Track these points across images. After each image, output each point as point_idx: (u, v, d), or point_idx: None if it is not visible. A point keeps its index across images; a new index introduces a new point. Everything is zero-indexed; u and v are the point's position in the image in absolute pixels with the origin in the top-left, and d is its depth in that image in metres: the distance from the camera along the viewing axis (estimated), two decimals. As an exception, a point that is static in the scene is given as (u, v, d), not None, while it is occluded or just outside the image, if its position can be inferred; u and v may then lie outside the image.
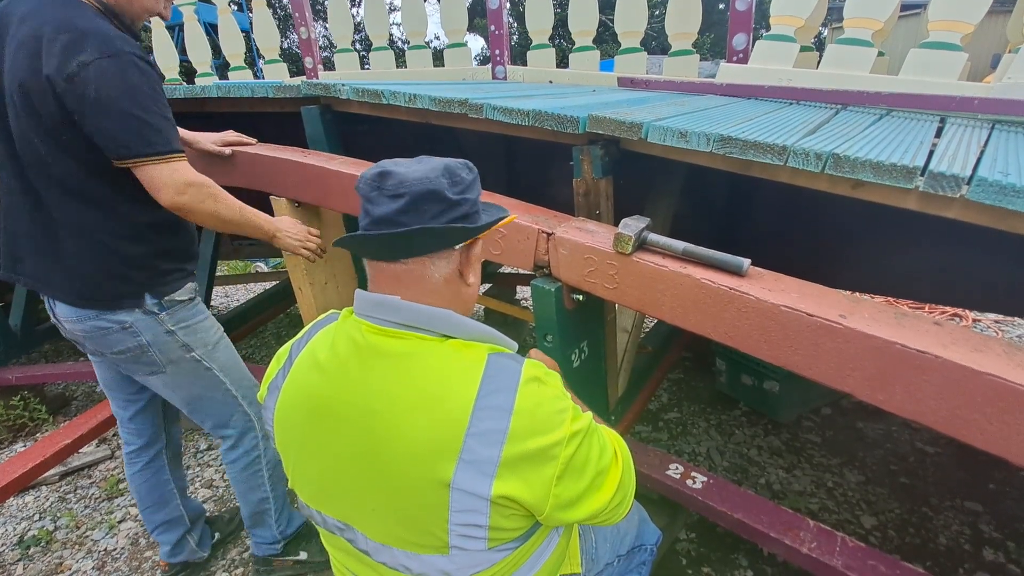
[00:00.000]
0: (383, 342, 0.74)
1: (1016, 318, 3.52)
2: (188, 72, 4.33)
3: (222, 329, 1.51)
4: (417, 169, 0.74)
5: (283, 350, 0.87)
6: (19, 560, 1.98)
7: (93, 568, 1.91)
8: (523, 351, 0.84)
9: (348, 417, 0.73)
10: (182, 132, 1.69)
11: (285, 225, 1.49)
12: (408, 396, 0.70)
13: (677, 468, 1.60)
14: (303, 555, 1.80)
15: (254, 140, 1.81)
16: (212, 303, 4.53)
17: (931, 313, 3.67)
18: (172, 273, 1.36)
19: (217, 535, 1.91)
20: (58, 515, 2.18)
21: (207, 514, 1.90)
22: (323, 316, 0.89)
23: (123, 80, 1.11)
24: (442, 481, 0.68)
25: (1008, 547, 1.80)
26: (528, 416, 0.69)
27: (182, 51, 3.81)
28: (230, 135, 1.78)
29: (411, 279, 0.76)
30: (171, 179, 1.18)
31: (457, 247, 0.78)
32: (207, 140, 1.72)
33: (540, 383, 0.73)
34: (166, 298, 1.34)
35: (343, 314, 0.82)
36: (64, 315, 1.31)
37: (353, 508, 0.77)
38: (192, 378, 1.44)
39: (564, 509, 0.72)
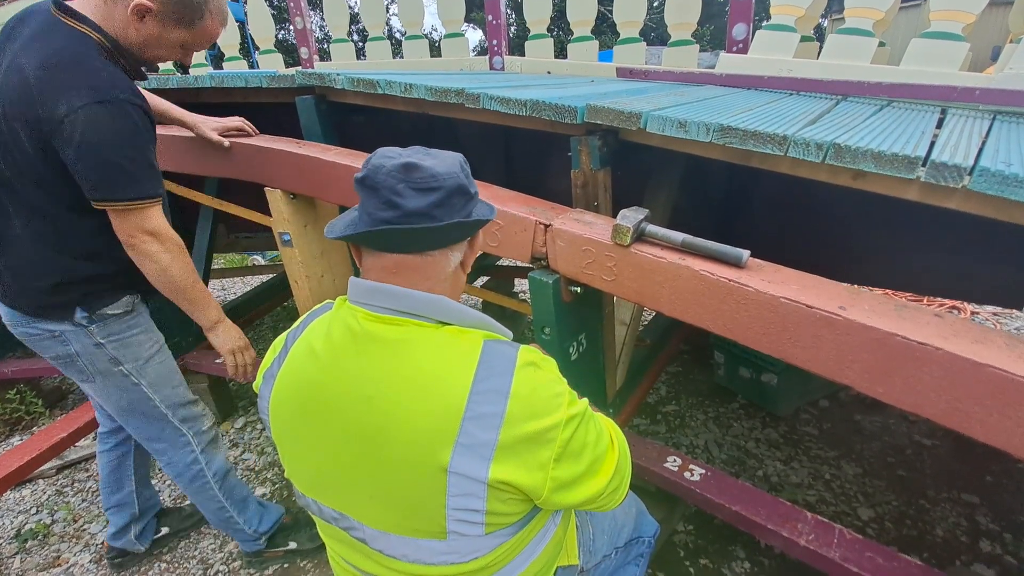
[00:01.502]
0: (379, 329, 0.74)
1: (1014, 311, 3.52)
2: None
3: (160, 343, 1.46)
4: (442, 163, 0.73)
5: (279, 340, 0.87)
6: (16, 553, 1.97)
7: (91, 561, 1.91)
8: (521, 343, 0.84)
9: (343, 405, 0.73)
10: (184, 115, 1.67)
11: (232, 332, 1.48)
12: (404, 382, 0.70)
13: (675, 461, 1.60)
14: (292, 544, 1.81)
15: (256, 131, 1.78)
16: (209, 296, 4.50)
17: (930, 306, 3.66)
18: (108, 288, 1.32)
19: (165, 530, 1.91)
20: (55, 508, 2.17)
21: (164, 506, 1.92)
22: (318, 306, 0.88)
23: (111, 127, 1.12)
24: (440, 466, 0.68)
25: (1005, 539, 1.81)
26: (525, 400, 0.69)
27: (176, 42, 3.76)
28: (233, 121, 1.74)
29: (429, 268, 0.76)
30: (131, 224, 1.20)
31: (468, 239, 0.80)
32: (208, 126, 1.69)
33: (536, 367, 0.74)
34: (97, 312, 1.31)
35: (337, 302, 0.82)
36: (5, 318, 1.33)
37: (350, 496, 0.76)
38: (119, 392, 1.42)
39: (561, 492, 0.73)
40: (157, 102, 1.65)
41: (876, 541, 1.34)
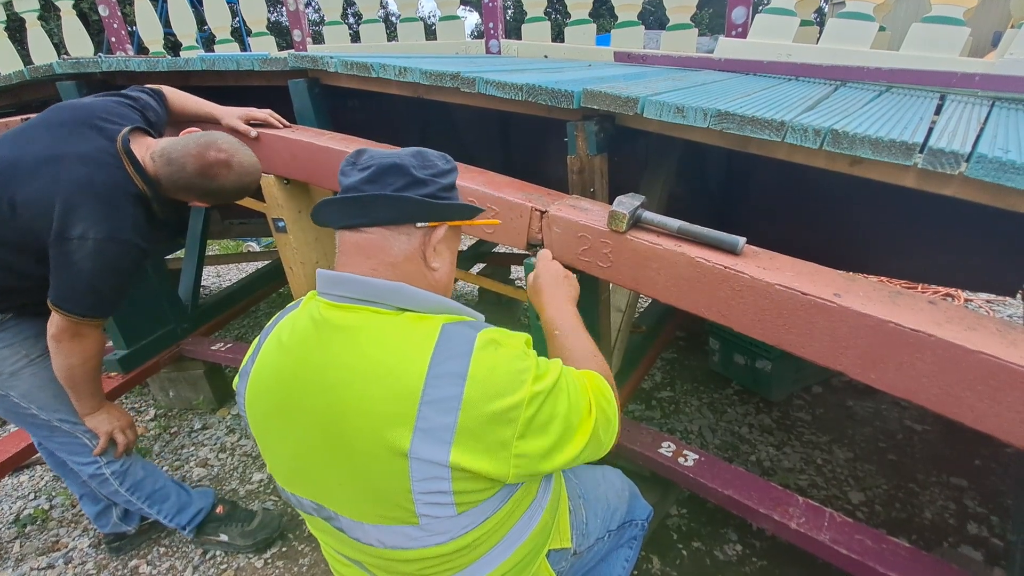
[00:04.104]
0: (338, 316, 0.75)
1: (1007, 298, 3.55)
2: (174, 46, 4.21)
3: (31, 357, 1.43)
4: (390, 150, 0.79)
5: (255, 339, 0.89)
6: (16, 538, 1.99)
7: (90, 546, 1.92)
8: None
9: (309, 394, 0.74)
10: (214, 109, 1.66)
11: (111, 412, 1.54)
12: (362, 368, 0.71)
13: (669, 446, 1.62)
14: (224, 537, 1.81)
15: (284, 124, 1.73)
16: (203, 283, 4.49)
17: (924, 293, 3.68)
18: None
19: None
20: (53, 494, 2.18)
21: None
22: (291, 303, 0.89)
23: (109, 263, 1.23)
24: (399, 451, 0.68)
25: (992, 521, 1.84)
26: (484, 381, 0.69)
27: (166, 23, 3.70)
28: (260, 112, 1.71)
29: (372, 249, 0.77)
30: (68, 329, 1.29)
31: (419, 225, 0.78)
32: (232, 116, 1.67)
33: (497, 345, 0.73)
34: None
35: (307, 296, 0.83)
36: None
37: (322, 486, 0.77)
38: None
39: (530, 465, 0.72)
40: (188, 103, 1.65)
41: (866, 524, 1.36)
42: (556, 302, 1.05)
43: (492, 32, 2.96)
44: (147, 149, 1.33)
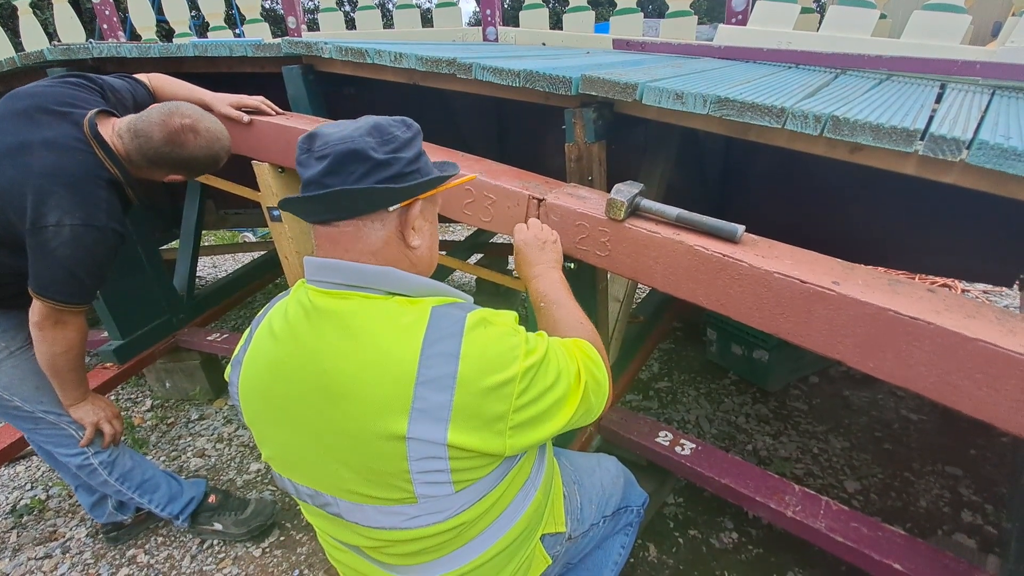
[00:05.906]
0: (329, 303, 0.74)
1: (1004, 288, 3.55)
2: (167, 34, 4.16)
3: (12, 351, 1.44)
4: (344, 129, 0.73)
5: (247, 329, 0.88)
6: (12, 528, 1.99)
7: (87, 536, 1.92)
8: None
9: (302, 381, 0.73)
10: (205, 96, 1.63)
11: (96, 403, 1.53)
12: (355, 354, 0.70)
13: (666, 435, 1.62)
14: (218, 526, 1.82)
15: (277, 111, 1.69)
16: (199, 273, 4.47)
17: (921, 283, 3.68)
18: None
19: None
20: (50, 484, 2.18)
21: None
22: (282, 292, 0.89)
23: (88, 249, 1.23)
24: (396, 433, 0.68)
25: (986, 509, 1.85)
26: (477, 359, 0.69)
27: (159, 11, 3.64)
28: (252, 99, 1.67)
29: (348, 241, 0.75)
30: (50, 316, 1.28)
31: (391, 208, 0.75)
32: (223, 103, 1.64)
33: (487, 324, 0.73)
34: None
35: (296, 285, 0.82)
36: None
37: (319, 471, 0.77)
38: None
39: (525, 436, 0.73)
40: (179, 89, 1.62)
41: (861, 512, 1.37)
42: (540, 271, 1.06)
43: (489, 19, 2.92)
44: (113, 129, 1.32)
